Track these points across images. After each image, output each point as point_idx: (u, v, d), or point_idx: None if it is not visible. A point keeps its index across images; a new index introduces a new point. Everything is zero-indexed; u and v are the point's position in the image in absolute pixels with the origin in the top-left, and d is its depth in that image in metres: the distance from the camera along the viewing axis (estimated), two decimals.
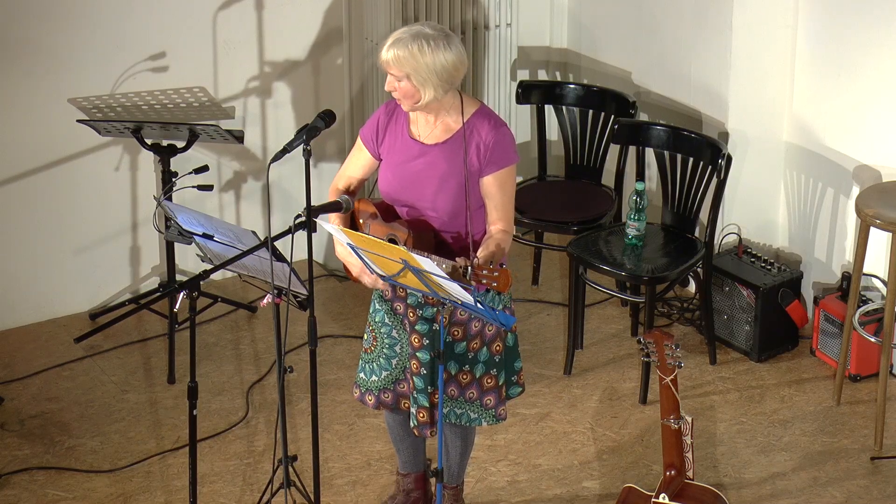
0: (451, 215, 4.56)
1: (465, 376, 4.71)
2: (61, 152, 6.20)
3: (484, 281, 4.27)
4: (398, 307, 4.72)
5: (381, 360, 4.79)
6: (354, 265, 4.60)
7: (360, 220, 4.70)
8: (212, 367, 6.06)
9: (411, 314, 4.67)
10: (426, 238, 4.56)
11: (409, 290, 4.61)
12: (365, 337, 4.84)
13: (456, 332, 4.65)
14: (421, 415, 4.72)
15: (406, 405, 4.81)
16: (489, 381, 4.74)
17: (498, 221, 4.56)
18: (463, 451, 4.92)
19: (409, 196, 4.59)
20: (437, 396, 4.67)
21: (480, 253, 4.45)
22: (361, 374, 4.85)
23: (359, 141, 4.71)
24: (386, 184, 4.63)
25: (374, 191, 4.78)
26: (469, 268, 4.28)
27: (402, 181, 4.59)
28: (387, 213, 4.65)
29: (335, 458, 5.47)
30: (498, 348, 4.72)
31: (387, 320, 4.76)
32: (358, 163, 4.73)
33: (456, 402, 4.74)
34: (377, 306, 4.77)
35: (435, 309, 4.62)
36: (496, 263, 4.41)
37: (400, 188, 4.60)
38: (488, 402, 4.76)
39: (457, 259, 4.32)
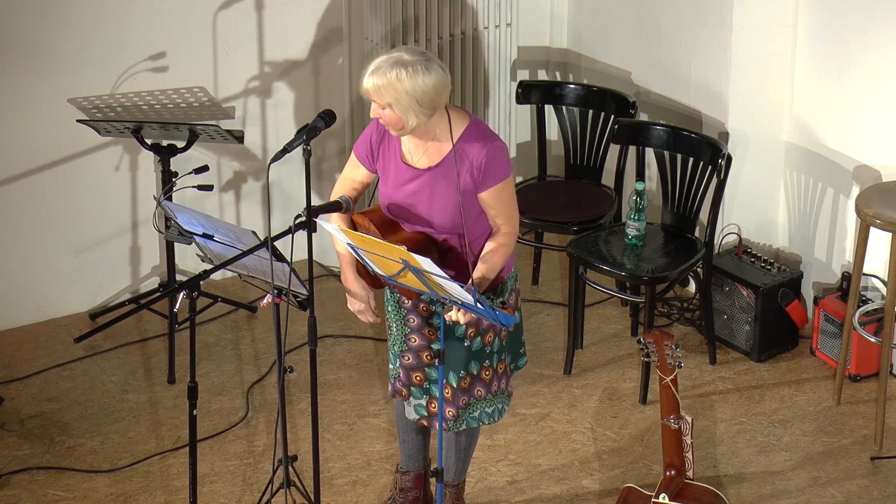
0: (451, 231, 4.59)
1: (486, 372, 4.74)
2: (61, 152, 6.20)
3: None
4: (405, 301, 4.73)
5: (395, 348, 4.81)
6: (356, 298, 4.71)
7: (370, 229, 4.70)
8: (212, 367, 6.06)
9: (423, 308, 4.68)
10: (429, 252, 4.56)
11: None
12: (386, 326, 4.86)
13: (471, 333, 4.67)
14: (433, 405, 4.74)
15: (404, 393, 4.82)
16: (501, 366, 4.79)
17: (501, 227, 4.60)
18: (467, 448, 4.93)
19: (407, 215, 4.61)
20: (447, 390, 4.70)
21: (476, 274, 4.48)
22: (390, 365, 4.87)
23: (353, 157, 4.71)
24: (385, 200, 4.65)
25: (374, 199, 4.77)
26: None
27: (399, 201, 4.61)
28: (388, 225, 4.66)
29: (335, 458, 5.47)
30: (504, 334, 4.75)
31: (391, 313, 4.78)
32: (356, 177, 4.74)
33: (484, 401, 4.76)
34: (388, 295, 4.80)
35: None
36: (493, 275, 4.50)
37: (398, 207, 4.62)
38: (503, 385, 4.81)
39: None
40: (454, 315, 4.42)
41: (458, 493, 5.03)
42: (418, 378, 4.77)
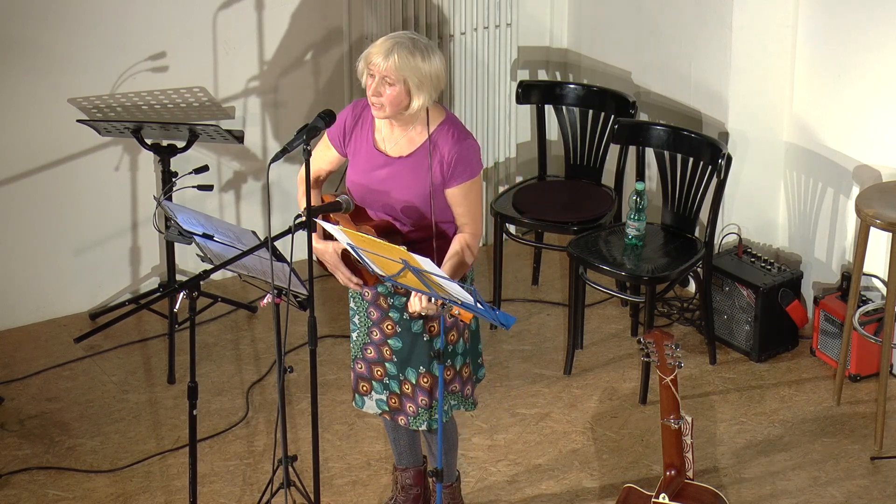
0: (416, 221, 4.60)
1: (448, 372, 4.74)
2: (61, 152, 6.20)
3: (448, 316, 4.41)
4: (366, 294, 4.73)
5: (358, 342, 4.83)
6: (328, 262, 4.63)
7: (332, 217, 4.70)
8: (212, 367, 6.06)
9: (383, 302, 4.69)
10: (395, 241, 4.57)
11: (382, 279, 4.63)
12: (351, 318, 4.88)
13: (432, 328, 4.67)
14: (392, 400, 4.76)
15: (365, 388, 4.82)
16: (466, 370, 4.80)
17: (464, 226, 4.61)
18: (447, 448, 4.93)
19: (374, 200, 4.63)
20: (407, 386, 4.73)
21: (444, 269, 4.48)
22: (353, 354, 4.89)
23: (325, 138, 4.73)
24: (352, 185, 4.67)
25: (342, 184, 4.78)
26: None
27: (368, 186, 4.62)
28: (356, 211, 4.68)
29: (335, 458, 5.47)
30: (466, 336, 4.76)
31: (355, 306, 4.80)
32: (325, 158, 4.76)
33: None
34: (350, 293, 4.82)
35: (405, 299, 4.63)
36: (460, 273, 4.52)
37: (366, 192, 4.64)
38: (467, 391, 4.82)
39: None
40: (414, 303, 4.41)
41: (455, 493, 5.03)
42: (379, 373, 4.79)
